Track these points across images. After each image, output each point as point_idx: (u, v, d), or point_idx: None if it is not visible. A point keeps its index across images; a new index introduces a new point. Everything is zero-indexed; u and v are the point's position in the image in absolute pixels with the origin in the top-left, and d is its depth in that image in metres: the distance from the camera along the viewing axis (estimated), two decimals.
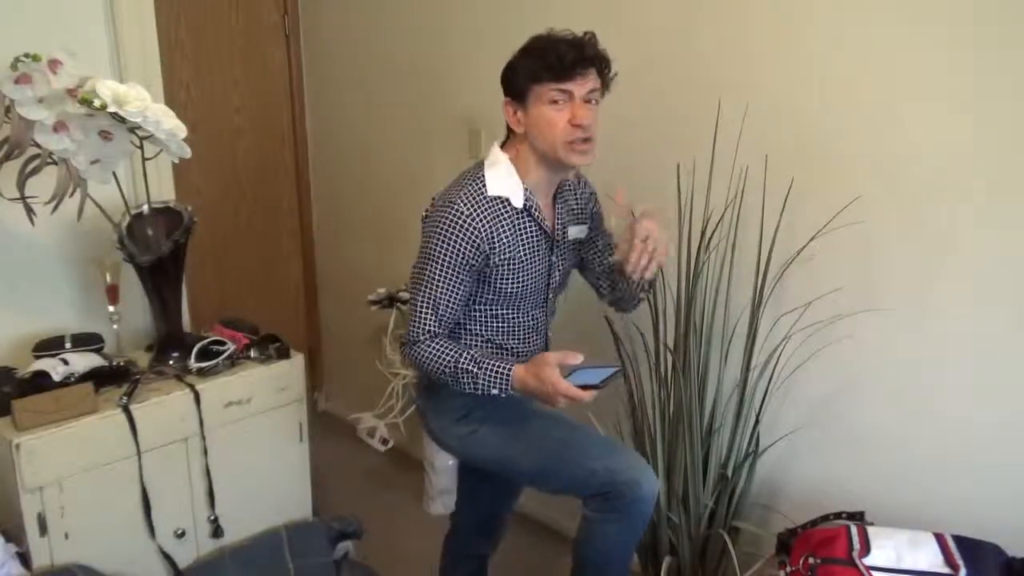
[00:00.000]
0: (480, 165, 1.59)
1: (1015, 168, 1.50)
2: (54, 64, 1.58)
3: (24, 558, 1.66)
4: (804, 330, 1.82)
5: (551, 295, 1.70)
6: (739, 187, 1.85)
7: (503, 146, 1.61)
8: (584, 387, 1.43)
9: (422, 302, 1.55)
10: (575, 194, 1.72)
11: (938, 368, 1.66)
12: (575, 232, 1.71)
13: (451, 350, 1.53)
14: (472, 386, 1.51)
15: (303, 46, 2.99)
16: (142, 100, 1.62)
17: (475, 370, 1.50)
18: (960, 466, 1.66)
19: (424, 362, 1.55)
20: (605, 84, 1.55)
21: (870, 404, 1.77)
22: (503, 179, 1.55)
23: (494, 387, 1.50)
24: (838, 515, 1.67)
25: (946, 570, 1.43)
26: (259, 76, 2.91)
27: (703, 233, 1.82)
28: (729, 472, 1.89)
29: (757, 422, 1.88)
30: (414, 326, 1.56)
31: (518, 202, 1.56)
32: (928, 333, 1.66)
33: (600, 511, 1.55)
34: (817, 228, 1.74)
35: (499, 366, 1.49)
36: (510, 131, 1.59)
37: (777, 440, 1.90)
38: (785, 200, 1.79)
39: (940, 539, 1.49)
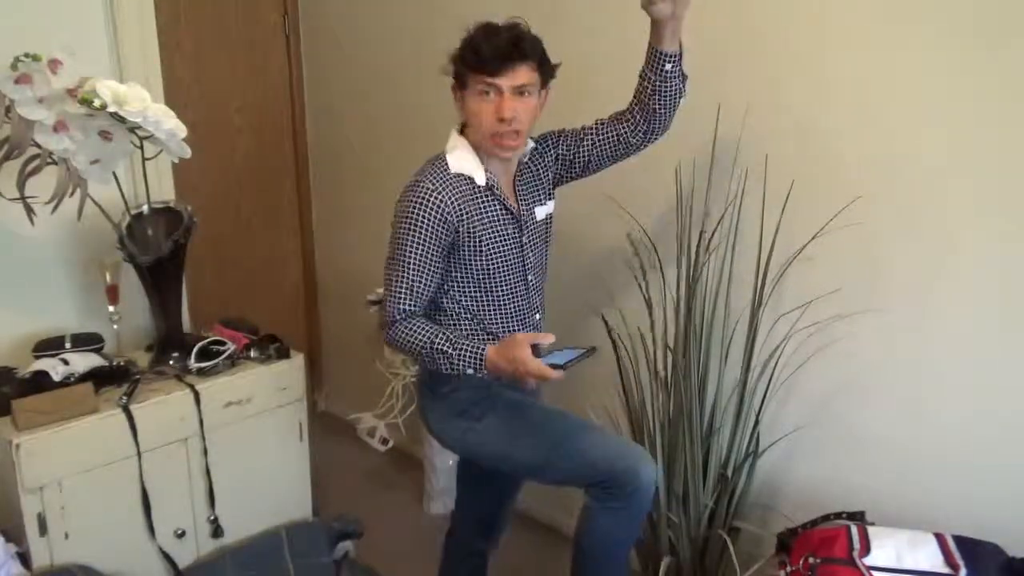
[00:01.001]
0: (442, 152, 1.61)
1: (1015, 168, 1.50)
2: (54, 64, 1.58)
3: (24, 558, 1.66)
4: (804, 330, 1.82)
5: (530, 277, 1.70)
6: (739, 187, 1.85)
7: (461, 131, 1.64)
8: (554, 366, 1.44)
9: (396, 282, 1.56)
10: (534, 169, 1.71)
11: (938, 368, 1.66)
12: (542, 212, 1.72)
13: (427, 330, 1.54)
14: (448, 366, 1.52)
15: (303, 46, 2.99)
16: (142, 100, 1.62)
17: (450, 350, 1.51)
18: (960, 466, 1.66)
19: (401, 342, 1.57)
20: (546, 75, 1.56)
21: (870, 404, 1.77)
22: (463, 159, 1.59)
23: (468, 367, 1.51)
24: (838, 515, 1.67)
25: (946, 570, 1.43)
26: (259, 76, 2.91)
27: (703, 233, 1.82)
28: (729, 472, 1.89)
29: (757, 422, 1.88)
30: (390, 306, 1.57)
31: (480, 180, 1.59)
32: (928, 333, 1.66)
33: (601, 500, 1.56)
34: (817, 228, 1.74)
35: (472, 346, 1.51)
36: None
37: (777, 440, 1.90)
38: (785, 200, 1.79)
39: (940, 539, 1.49)
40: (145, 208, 1.86)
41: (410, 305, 1.56)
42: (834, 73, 1.69)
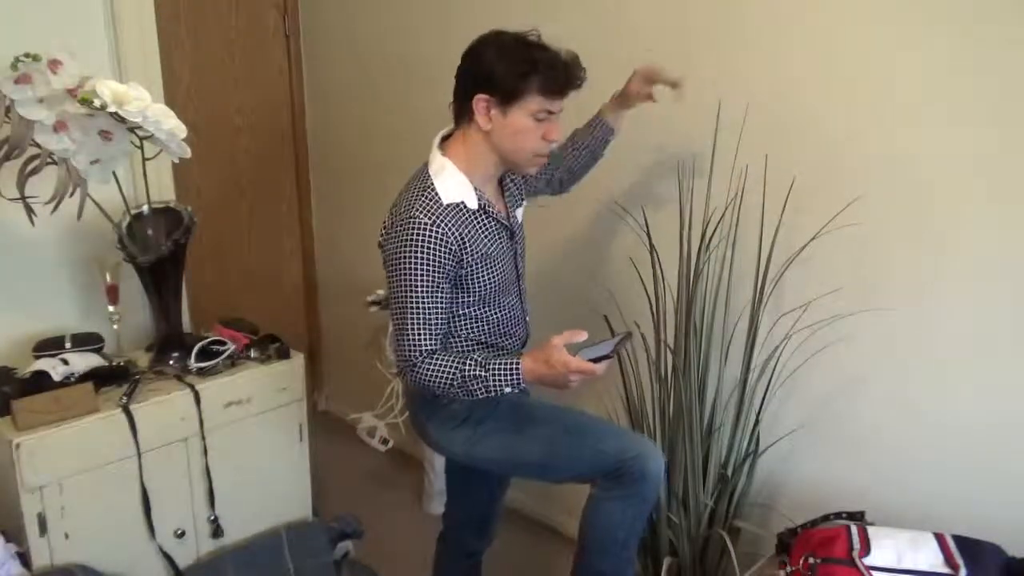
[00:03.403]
0: (425, 173, 1.56)
1: (1015, 168, 1.50)
2: (54, 64, 1.58)
3: (24, 558, 1.66)
4: (804, 330, 1.82)
5: (521, 283, 1.71)
6: (739, 187, 1.85)
7: (444, 142, 1.60)
8: (595, 360, 1.41)
9: (413, 324, 1.50)
10: (508, 180, 1.71)
11: (938, 368, 1.66)
12: (521, 214, 1.73)
13: (453, 362, 1.49)
14: (484, 391, 1.47)
15: (303, 46, 2.99)
16: (142, 100, 1.62)
17: (483, 374, 1.46)
18: (960, 466, 1.66)
19: (429, 382, 1.50)
20: None
21: (870, 404, 1.77)
22: (453, 185, 1.54)
23: (506, 385, 1.46)
24: (838, 515, 1.67)
25: (946, 570, 1.43)
26: (259, 76, 2.91)
27: (703, 233, 1.82)
28: (729, 472, 1.89)
29: (757, 422, 1.88)
30: (411, 350, 1.50)
31: (472, 204, 1.55)
32: (928, 333, 1.66)
33: (607, 489, 1.56)
34: (817, 228, 1.74)
35: (506, 362, 1.47)
36: (457, 123, 1.57)
37: (777, 440, 1.90)
38: (785, 200, 1.79)
39: (940, 539, 1.49)
40: (145, 208, 1.86)
41: (430, 344, 1.51)
42: (834, 73, 1.69)
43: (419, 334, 1.50)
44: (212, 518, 1.93)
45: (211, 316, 2.19)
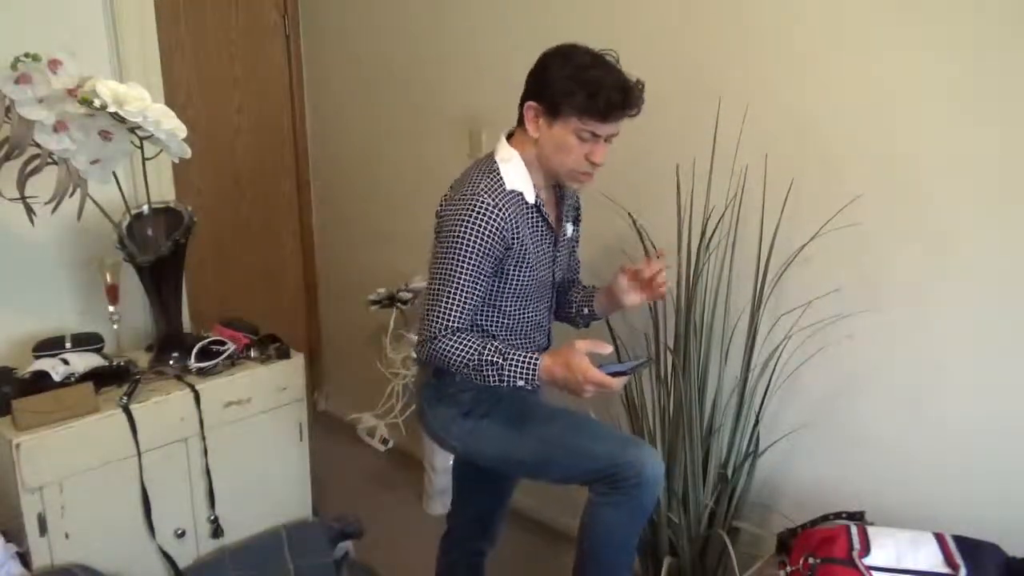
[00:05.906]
0: (492, 159, 1.59)
1: (1015, 168, 1.50)
2: (54, 64, 1.58)
3: (24, 558, 1.66)
4: (804, 330, 1.82)
5: (553, 291, 1.73)
6: (739, 187, 1.85)
7: (510, 139, 1.62)
8: (614, 375, 1.42)
9: (447, 296, 1.51)
10: (571, 193, 1.74)
11: (938, 368, 1.66)
12: (570, 230, 1.74)
13: (474, 342, 1.50)
14: (496, 378, 1.48)
15: (303, 46, 2.99)
16: (142, 100, 1.62)
17: (500, 361, 1.47)
18: (960, 466, 1.66)
19: (445, 357, 1.52)
20: None
21: (870, 404, 1.77)
22: (517, 175, 1.57)
23: (520, 378, 1.47)
24: (838, 515, 1.67)
25: (946, 570, 1.43)
26: (259, 76, 2.91)
27: (703, 233, 1.82)
28: (729, 472, 1.89)
29: (757, 422, 1.88)
30: (437, 321, 1.52)
31: (530, 198, 1.58)
32: (928, 333, 1.66)
33: (605, 494, 1.55)
34: (817, 228, 1.74)
35: (525, 356, 1.48)
36: (518, 124, 1.59)
37: (777, 440, 1.90)
38: (785, 200, 1.79)
39: (940, 539, 1.49)
40: (145, 208, 1.86)
41: (457, 322, 1.52)
42: (834, 73, 1.69)
43: (450, 309, 1.52)
44: (212, 518, 1.93)
45: (211, 316, 2.19)
